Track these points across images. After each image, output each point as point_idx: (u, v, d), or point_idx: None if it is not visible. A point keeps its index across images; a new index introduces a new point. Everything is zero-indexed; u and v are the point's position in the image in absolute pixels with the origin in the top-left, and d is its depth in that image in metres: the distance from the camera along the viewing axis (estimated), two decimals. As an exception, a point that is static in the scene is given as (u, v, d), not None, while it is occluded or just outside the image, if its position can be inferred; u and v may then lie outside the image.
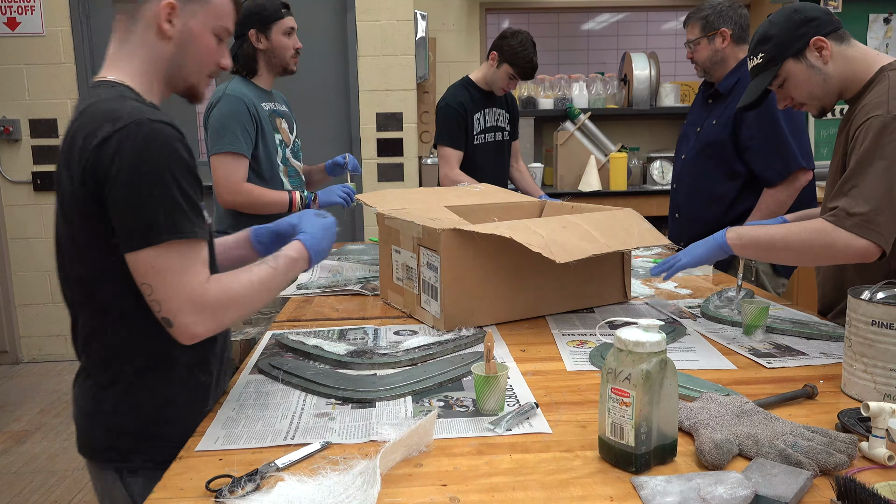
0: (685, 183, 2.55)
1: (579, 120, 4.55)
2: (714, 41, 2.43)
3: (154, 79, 1.21)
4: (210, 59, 1.24)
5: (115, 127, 1.06)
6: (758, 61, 1.62)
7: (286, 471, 0.97)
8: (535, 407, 1.17)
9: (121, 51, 1.20)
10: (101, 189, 1.06)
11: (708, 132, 2.46)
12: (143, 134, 1.06)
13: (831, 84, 1.57)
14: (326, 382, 1.29)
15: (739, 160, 2.39)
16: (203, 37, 1.21)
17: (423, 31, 4.26)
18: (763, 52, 1.61)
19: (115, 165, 1.05)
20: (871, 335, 1.17)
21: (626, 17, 5.09)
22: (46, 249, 4.16)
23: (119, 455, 1.20)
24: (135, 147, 1.05)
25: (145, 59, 1.19)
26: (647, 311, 1.80)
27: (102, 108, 1.09)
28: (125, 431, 1.19)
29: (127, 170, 1.05)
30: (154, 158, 1.06)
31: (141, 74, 1.19)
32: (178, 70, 1.22)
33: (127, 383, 1.18)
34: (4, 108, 4.02)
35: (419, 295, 1.72)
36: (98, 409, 1.19)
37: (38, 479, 2.83)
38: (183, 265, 1.08)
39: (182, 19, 1.18)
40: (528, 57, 2.93)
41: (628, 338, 0.95)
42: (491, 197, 2.24)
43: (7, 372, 4.10)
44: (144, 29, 1.17)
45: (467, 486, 0.94)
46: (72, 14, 3.97)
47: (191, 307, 1.08)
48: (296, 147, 2.56)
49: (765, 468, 0.92)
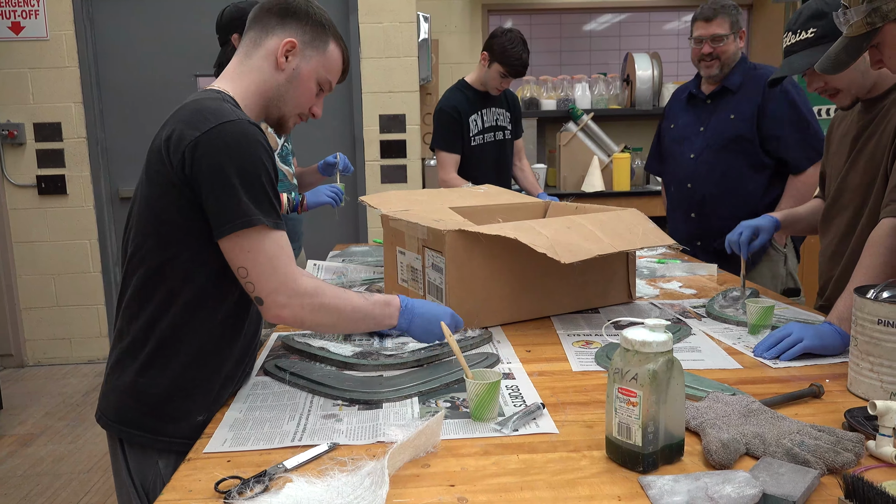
0: (707, 182, 2.52)
1: (582, 121, 4.56)
2: (738, 39, 2.48)
3: (256, 102, 1.33)
4: (306, 103, 1.37)
5: (216, 121, 1.16)
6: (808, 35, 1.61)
7: (294, 472, 0.97)
8: (542, 407, 1.17)
9: (237, 69, 1.33)
10: (197, 176, 1.16)
11: (724, 128, 2.47)
12: (240, 130, 1.17)
13: (869, 76, 1.60)
14: (333, 384, 1.29)
15: (765, 152, 2.43)
16: (309, 81, 1.35)
17: (425, 32, 4.27)
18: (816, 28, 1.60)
19: (211, 155, 1.15)
20: (878, 334, 1.17)
21: (628, 17, 5.09)
22: (51, 253, 4.17)
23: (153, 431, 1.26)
24: (230, 140, 1.16)
25: (256, 81, 1.32)
26: (652, 311, 1.80)
27: (206, 106, 1.20)
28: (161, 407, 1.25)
29: (221, 159, 1.15)
30: (249, 152, 1.17)
31: (247, 94, 1.31)
32: (279, 101, 1.34)
33: (173, 367, 1.25)
34: (9, 111, 4.04)
35: (424, 296, 1.73)
36: (136, 387, 1.25)
37: (44, 482, 2.84)
38: (276, 250, 1.19)
39: (297, 59, 1.32)
40: (518, 55, 2.90)
41: (635, 338, 0.95)
42: (495, 198, 2.25)
43: (12, 375, 4.11)
44: (263, 57, 1.32)
45: (475, 486, 0.94)
46: (76, 18, 3.98)
47: (284, 289, 1.19)
48: (284, 151, 2.54)
49: (772, 467, 0.92)
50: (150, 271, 1.23)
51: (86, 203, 4.15)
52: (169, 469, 1.23)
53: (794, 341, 1.40)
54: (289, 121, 1.38)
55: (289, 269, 1.20)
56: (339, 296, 1.28)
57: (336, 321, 1.29)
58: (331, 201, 2.42)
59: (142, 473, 1.27)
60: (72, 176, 4.11)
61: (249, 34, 1.34)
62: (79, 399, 3.68)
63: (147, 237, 1.23)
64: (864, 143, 1.65)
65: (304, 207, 2.38)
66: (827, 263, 1.79)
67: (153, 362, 1.24)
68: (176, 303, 1.22)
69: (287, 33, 1.31)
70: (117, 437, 1.28)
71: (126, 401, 1.26)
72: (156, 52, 4.07)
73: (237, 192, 1.15)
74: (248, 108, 1.31)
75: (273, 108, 1.35)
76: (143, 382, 1.24)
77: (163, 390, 1.24)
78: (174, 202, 1.19)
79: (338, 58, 1.38)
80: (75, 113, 4.05)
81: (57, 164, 4.09)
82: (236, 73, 1.33)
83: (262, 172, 1.18)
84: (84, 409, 3.54)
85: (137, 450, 1.27)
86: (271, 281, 1.18)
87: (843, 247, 1.70)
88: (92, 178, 4.12)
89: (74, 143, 4.09)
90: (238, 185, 1.15)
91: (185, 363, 1.24)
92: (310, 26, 1.33)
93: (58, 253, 4.18)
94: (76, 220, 4.15)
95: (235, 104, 1.27)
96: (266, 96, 1.33)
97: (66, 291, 4.20)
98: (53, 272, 4.19)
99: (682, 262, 2.38)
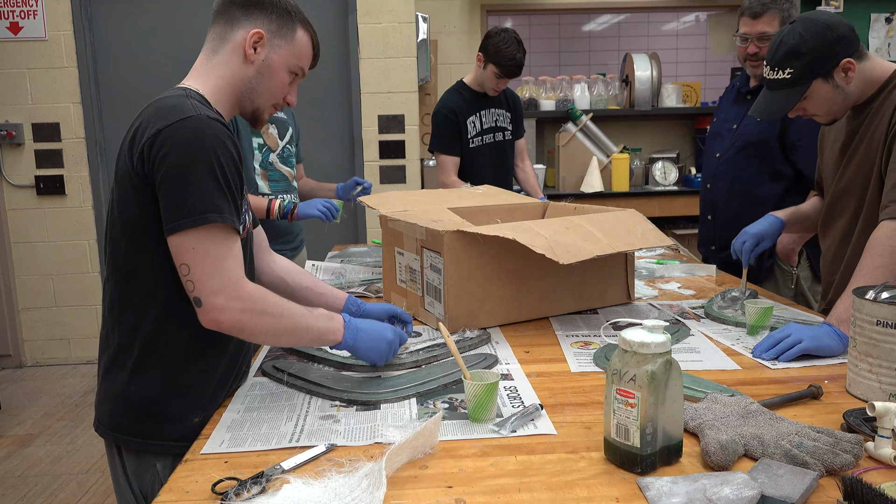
0: (722, 183, 2.38)
1: (581, 121, 4.55)
2: None
3: (227, 96, 1.30)
4: (280, 93, 1.33)
5: (174, 118, 1.14)
6: (784, 76, 1.55)
7: (291, 473, 0.97)
8: (540, 408, 1.17)
9: (205, 65, 1.30)
10: (154, 173, 1.13)
11: (750, 130, 2.30)
12: (196, 126, 1.14)
13: (849, 101, 1.60)
14: (331, 385, 1.29)
15: (785, 160, 2.26)
16: (280, 70, 1.31)
17: (424, 33, 4.26)
18: (793, 69, 1.54)
19: (165, 150, 1.12)
20: (876, 335, 1.17)
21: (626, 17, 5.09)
22: (49, 253, 4.17)
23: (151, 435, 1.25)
24: (187, 135, 1.13)
25: (225, 76, 1.29)
26: (651, 312, 1.79)
27: (167, 105, 1.17)
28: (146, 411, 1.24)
29: (175, 154, 1.12)
30: (201, 145, 1.13)
31: (217, 89, 1.28)
32: (251, 94, 1.31)
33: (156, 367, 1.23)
34: (7, 112, 4.03)
35: (423, 297, 1.72)
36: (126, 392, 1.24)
37: (42, 483, 2.83)
38: (223, 251, 1.14)
39: (266, 50, 1.29)
40: (512, 55, 2.88)
41: (633, 339, 0.95)
42: (494, 198, 2.24)
43: (10, 376, 4.11)
44: (231, 51, 1.28)
45: (473, 487, 0.94)
46: (74, 18, 3.97)
47: (225, 291, 1.13)
48: (285, 153, 2.52)
49: (770, 469, 0.92)
50: (127, 275, 1.22)
51: (84, 203, 4.14)
52: (167, 471, 1.23)
53: (793, 342, 1.40)
54: (263, 113, 1.35)
55: (234, 273, 1.14)
56: (281, 305, 1.21)
57: (277, 330, 1.20)
58: (321, 216, 2.36)
59: (140, 478, 1.26)
60: (70, 176, 4.11)
61: (214, 28, 1.30)
62: (77, 399, 3.67)
63: (119, 241, 1.21)
64: (854, 148, 1.66)
65: (294, 217, 2.33)
66: (828, 267, 1.78)
67: (141, 367, 1.23)
68: (155, 305, 1.21)
69: (253, 24, 1.28)
70: (114, 444, 1.27)
71: (120, 407, 1.25)
72: (154, 52, 4.07)
73: (188, 189, 1.11)
74: (220, 104, 1.28)
75: (246, 102, 1.32)
76: (135, 388, 1.23)
77: (155, 394, 1.23)
78: (139, 203, 1.17)
79: (307, 44, 1.35)
80: (74, 113, 4.05)
81: (55, 164, 4.09)
82: (204, 70, 1.29)
83: (217, 170, 1.13)
84: (82, 410, 3.53)
85: (134, 455, 1.26)
86: (213, 282, 1.12)
87: (843, 250, 1.70)
88: (90, 178, 4.12)
89: (73, 144, 4.08)
90: (191, 182, 1.12)
91: (174, 365, 1.23)
92: (276, 15, 1.30)
93: (56, 253, 4.17)
94: (75, 220, 4.15)
95: (203, 100, 1.24)
96: (238, 91, 1.30)
97: (65, 292, 4.20)
98: (52, 272, 4.18)
99: (681, 263, 2.38)
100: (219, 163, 1.14)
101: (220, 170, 1.14)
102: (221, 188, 1.14)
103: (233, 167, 1.17)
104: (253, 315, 1.15)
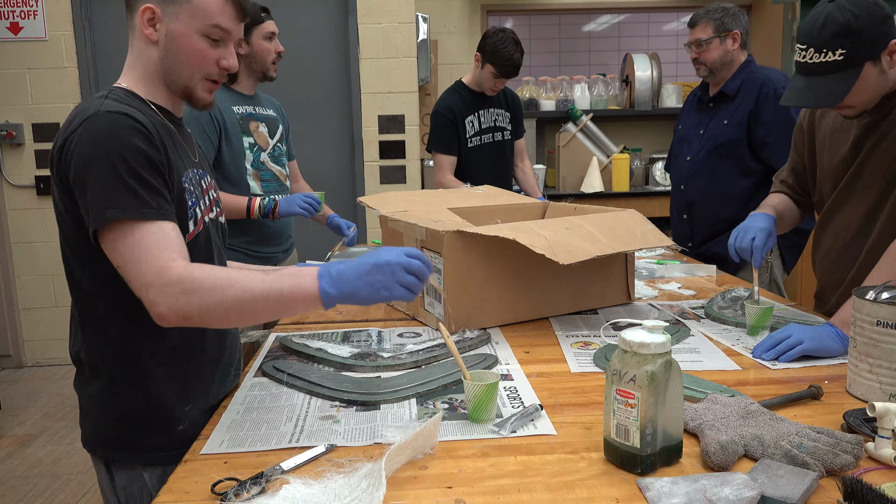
0: (696, 184, 2.57)
1: (581, 121, 4.55)
2: (726, 42, 2.46)
3: (153, 84, 1.23)
4: (201, 61, 1.20)
5: (77, 124, 1.10)
6: (835, 57, 1.38)
7: (291, 474, 0.97)
8: (540, 409, 1.17)
9: (128, 59, 1.25)
10: (68, 180, 1.10)
11: (718, 133, 2.50)
12: (95, 125, 1.09)
13: (884, 90, 1.45)
14: (331, 385, 1.29)
15: (754, 158, 2.45)
16: (187, 38, 1.19)
17: (424, 33, 4.26)
18: (845, 49, 1.37)
19: (69, 157, 1.09)
20: (876, 335, 1.17)
21: (627, 18, 5.09)
22: (49, 253, 4.17)
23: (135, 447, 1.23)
24: (83, 137, 1.09)
25: (141, 65, 1.22)
26: (651, 312, 1.79)
27: (76, 110, 1.14)
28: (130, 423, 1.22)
29: (76, 159, 1.08)
30: (97, 143, 1.08)
31: (142, 81, 1.23)
32: (171, 75, 1.22)
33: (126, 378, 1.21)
34: (7, 112, 4.03)
35: (423, 297, 1.72)
36: (110, 405, 1.22)
37: (43, 483, 2.83)
38: (138, 241, 1.06)
39: (165, 23, 1.18)
40: (509, 55, 2.88)
41: (633, 339, 0.95)
42: (493, 199, 2.24)
43: (10, 376, 4.11)
44: (139, 38, 1.21)
45: (472, 488, 0.94)
46: (74, 19, 3.97)
47: (152, 284, 1.04)
48: (276, 152, 2.49)
49: (770, 469, 0.92)
50: (81, 291, 1.20)
51: (84, 203, 4.14)
52: (154, 481, 1.21)
53: (794, 343, 1.39)
54: (195, 89, 1.23)
55: (157, 261, 1.04)
56: (226, 275, 1.06)
57: (228, 305, 1.04)
58: (304, 213, 2.30)
59: (127, 490, 1.24)
60: (70, 176, 4.11)
61: (127, 20, 1.22)
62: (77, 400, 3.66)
63: (68, 258, 1.19)
64: (876, 143, 1.54)
65: (276, 215, 2.27)
66: (829, 266, 1.72)
67: (116, 381, 1.20)
68: (116, 316, 1.18)
69: (142, 2, 1.18)
70: (101, 458, 1.25)
71: (103, 422, 1.23)
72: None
73: (94, 189, 1.07)
74: (152, 95, 1.22)
75: (171, 84, 1.22)
76: (113, 402, 1.21)
77: (135, 406, 1.21)
78: (72, 216, 1.13)
79: None
80: (74, 113, 4.05)
81: (55, 164, 4.09)
82: (128, 64, 1.24)
83: (120, 162, 1.06)
84: (82, 410, 3.53)
85: (122, 467, 1.23)
86: (141, 277, 1.05)
87: (853, 249, 1.63)
88: (90, 178, 4.11)
89: (73, 144, 4.08)
90: (89, 183, 1.07)
91: (148, 375, 1.20)
92: None
93: (56, 253, 4.13)
94: (75, 220, 4.15)
95: (130, 95, 1.19)
96: (156, 75, 1.22)
97: (65, 292, 4.17)
98: (52, 273, 4.18)
99: (681, 264, 2.38)
100: (119, 156, 1.07)
101: (122, 161, 1.07)
102: (124, 179, 1.06)
103: (137, 154, 1.09)
104: (189, 296, 1.03)
